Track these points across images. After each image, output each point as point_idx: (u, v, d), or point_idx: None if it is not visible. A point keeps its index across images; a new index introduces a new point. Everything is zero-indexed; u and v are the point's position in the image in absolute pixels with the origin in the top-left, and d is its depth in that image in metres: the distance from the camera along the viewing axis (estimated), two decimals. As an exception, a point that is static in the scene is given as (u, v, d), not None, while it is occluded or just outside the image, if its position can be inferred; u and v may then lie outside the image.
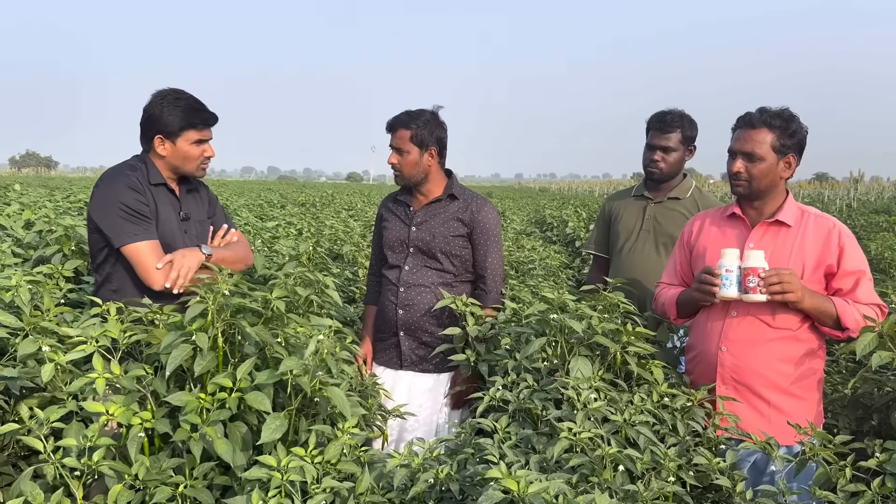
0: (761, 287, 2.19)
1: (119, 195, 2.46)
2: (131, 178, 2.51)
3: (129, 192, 2.47)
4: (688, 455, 1.99)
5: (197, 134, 2.54)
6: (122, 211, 2.44)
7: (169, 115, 2.51)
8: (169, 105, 2.52)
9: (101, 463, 1.74)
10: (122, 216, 2.44)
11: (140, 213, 2.46)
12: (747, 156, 2.32)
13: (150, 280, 2.42)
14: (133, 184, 2.49)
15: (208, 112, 2.56)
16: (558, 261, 6.08)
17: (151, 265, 2.41)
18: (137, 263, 2.43)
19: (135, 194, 2.47)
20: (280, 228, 5.54)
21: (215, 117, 2.58)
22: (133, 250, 2.43)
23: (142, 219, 2.46)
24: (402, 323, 2.88)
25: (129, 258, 2.44)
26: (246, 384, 1.92)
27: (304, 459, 1.82)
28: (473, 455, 2.00)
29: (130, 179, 2.50)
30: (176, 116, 2.51)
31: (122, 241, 2.43)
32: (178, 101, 2.53)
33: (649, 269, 3.14)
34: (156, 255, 2.43)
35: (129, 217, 2.44)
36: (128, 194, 2.46)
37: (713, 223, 2.51)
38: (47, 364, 1.90)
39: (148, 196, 2.52)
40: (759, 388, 2.32)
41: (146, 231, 2.46)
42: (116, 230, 2.44)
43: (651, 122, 3.19)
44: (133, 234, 2.43)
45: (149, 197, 2.52)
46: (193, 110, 2.53)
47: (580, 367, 2.16)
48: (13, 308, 2.47)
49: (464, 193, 2.92)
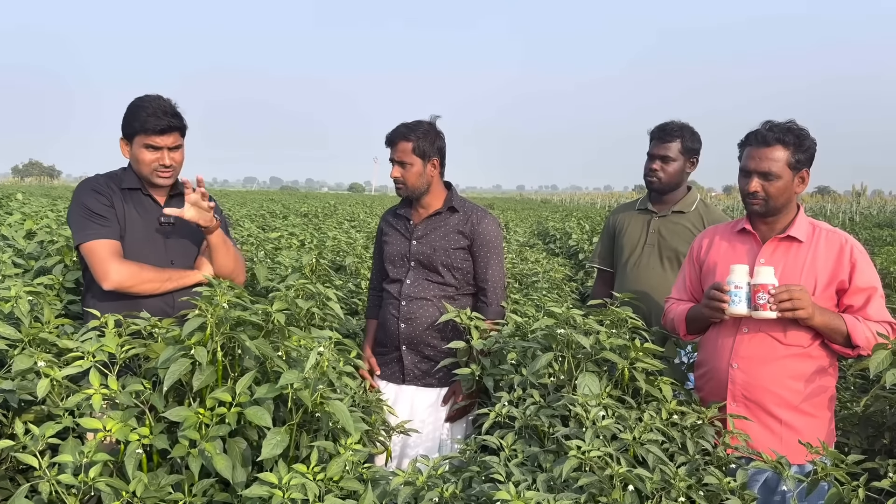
0: (771, 304, 2.15)
1: (82, 197, 2.51)
2: (99, 181, 2.56)
3: (91, 194, 2.51)
4: (698, 474, 1.94)
5: (146, 139, 2.50)
6: (83, 211, 2.48)
7: (128, 119, 2.54)
8: (131, 109, 2.54)
9: (97, 479, 1.70)
10: (82, 216, 2.48)
11: (98, 214, 2.48)
12: (763, 175, 2.28)
13: (100, 278, 2.41)
14: (97, 187, 2.53)
15: (163, 120, 2.49)
16: (562, 273, 6.04)
17: (102, 262, 2.41)
18: (90, 261, 2.44)
19: (96, 195, 2.51)
20: (283, 240, 5.51)
21: (171, 127, 2.50)
22: (87, 248, 2.45)
23: (100, 219, 2.47)
24: (405, 337, 2.84)
25: (84, 256, 2.46)
26: (245, 399, 1.89)
27: (305, 476, 1.78)
28: (479, 473, 1.95)
29: (97, 183, 2.55)
30: (131, 120, 2.52)
31: (79, 240, 2.47)
32: (139, 105, 2.53)
33: (653, 284, 3.10)
34: (111, 254, 2.43)
35: (88, 217, 2.47)
36: (89, 196, 2.51)
37: (723, 238, 2.47)
38: (43, 380, 1.86)
39: (114, 199, 2.53)
40: (770, 405, 2.28)
41: (103, 230, 2.46)
42: (76, 230, 2.48)
43: (652, 132, 3.17)
44: (88, 233, 2.45)
45: (115, 200, 2.53)
46: (147, 115, 2.49)
47: (588, 383, 2.12)
48: (13, 319, 2.44)
49: (464, 205, 2.90)
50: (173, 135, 2.53)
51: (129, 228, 2.52)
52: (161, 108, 2.50)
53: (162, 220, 2.58)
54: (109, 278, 2.39)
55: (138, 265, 2.45)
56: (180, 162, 2.60)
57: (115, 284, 2.40)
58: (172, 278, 2.50)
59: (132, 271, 2.42)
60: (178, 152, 2.58)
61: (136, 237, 2.52)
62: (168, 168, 2.54)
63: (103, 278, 2.40)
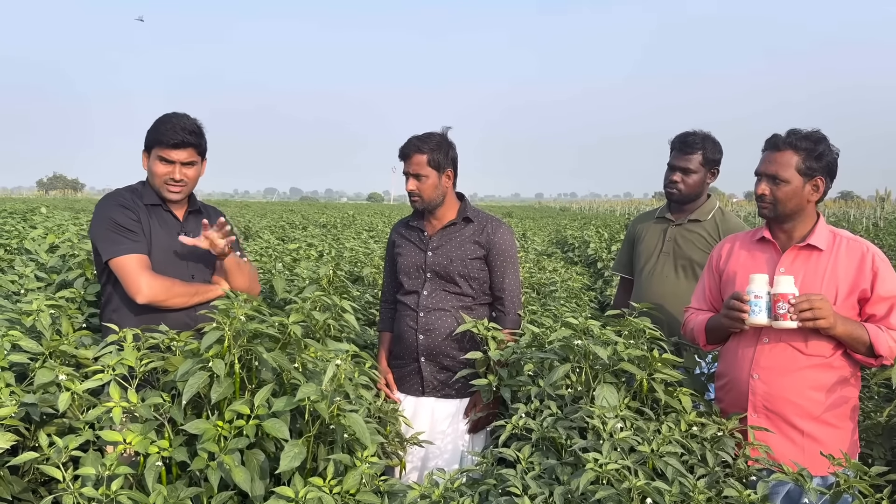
0: (792, 313, 2.13)
1: (109, 211, 2.52)
2: (124, 196, 2.58)
3: (119, 209, 2.52)
4: (717, 487, 1.92)
5: (161, 151, 2.53)
6: (111, 226, 2.49)
7: (149, 131, 2.57)
8: (154, 122, 2.57)
9: (119, 492, 1.72)
10: (111, 230, 2.49)
11: (128, 228, 2.50)
12: (771, 178, 2.28)
13: (133, 292, 2.43)
14: (124, 201, 2.55)
15: (178, 134, 2.51)
16: (580, 282, 6.00)
17: (135, 277, 2.43)
18: (122, 276, 2.45)
19: (124, 210, 2.52)
20: (301, 251, 5.54)
21: (185, 142, 2.52)
22: (119, 263, 2.46)
23: (129, 233, 2.49)
24: (424, 348, 2.84)
25: (115, 271, 2.47)
26: (263, 411, 1.90)
27: (322, 490, 1.78)
28: (496, 486, 1.94)
29: (123, 198, 2.57)
30: (151, 132, 2.56)
31: (110, 255, 2.47)
32: (161, 120, 2.56)
33: (668, 292, 3.08)
34: (142, 269, 2.44)
35: (118, 231, 2.49)
36: (117, 210, 2.52)
37: (742, 247, 2.45)
38: (64, 393, 1.88)
39: (141, 214, 2.55)
40: (791, 416, 2.25)
41: (134, 245, 2.48)
42: (105, 244, 2.49)
43: (673, 142, 3.15)
44: (120, 247, 2.47)
45: (141, 215, 2.55)
46: (165, 129, 2.52)
47: (606, 394, 2.11)
48: (34, 333, 2.47)
49: (478, 216, 2.91)
50: (187, 150, 2.55)
51: (155, 244, 2.55)
52: (180, 124, 2.53)
53: (180, 235, 2.60)
54: (142, 292, 2.41)
55: (169, 280, 2.48)
56: (193, 178, 2.61)
57: (148, 298, 2.42)
58: (199, 292, 2.52)
59: (165, 286, 2.45)
60: (192, 169, 2.60)
61: (159, 252, 2.55)
62: (178, 182, 2.57)
63: (136, 293, 2.42)
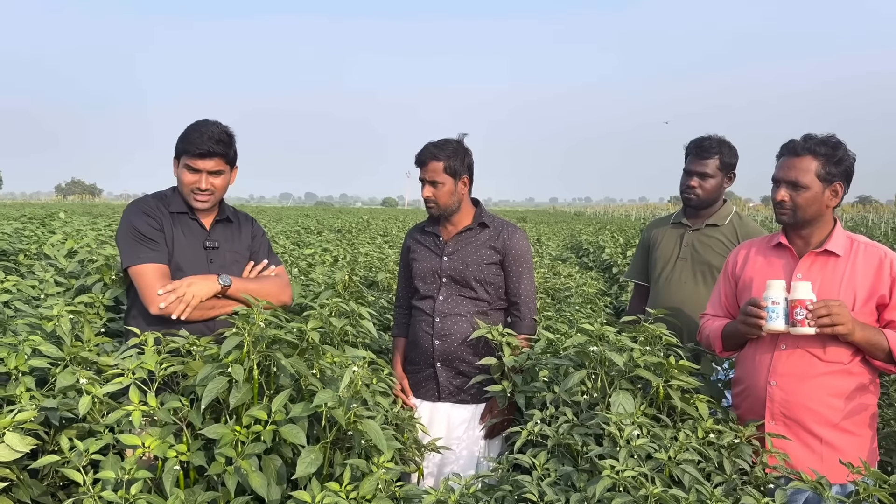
0: (809, 319, 2.11)
1: (132, 219, 2.52)
2: (149, 204, 2.58)
3: (142, 217, 2.52)
4: (735, 494, 1.91)
5: (188, 160, 2.53)
6: (132, 233, 2.50)
7: (179, 139, 2.57)
8: (184, 130, 2.58)
9: (138, 496, 1.73)
10: (132, 238, 2.49)
11: (148, 237, 2.49)
12: (791, 184, 2.26)
13: (147, 302, 2.43)
14: (147, 209, 2.55)
15: (205, 144, 2.50)
16: (595, 288, 5.99)
17: (150, 287, 2.42)
18: (138, 285, 2.46)
19: (147, 218, 2.52)
20: (317, 256, 5.56)
21: (211, 152, 2.51)
22: (136, 271, 2.46)
23: (150, 242, 2.49)
24: (439, 353, 2.85)
25: (133, 279, 2.48)
26: (281, 417, 1.91)
27: (338, 495, 1.79)
28: (511, 493, 1.95)
29: (147, 205, 2.57)
30: (180, 140, 2.57)
31: (128, 262, 2.48)
32: (191, 128, 2.56)
33: (686, 298, 3.07)
34: (159, 279, 2.44)
35: (138, 239, 2.49)
36: (140, 218, 2.52)
37: (759, 253, 2.44)
38: (84, 397, 1.90)
39: (164, 222, 2.55)
40: (809, 423, 2.23)
41: (152, 254, 2.48)
42: (125, 252, 2.50)
43: (689, 147, 3.13)
44: (138, 255, 2.47)
45: (165, 223, 2.55)
46: (193, 138, 2.52)
47: (622, 401, 2.10)
48: (54, 338, 2.49)
49: (493, 221, 2.92)
50: (214, 160, 2.53)
51: (177, 252, 2.54)
52: (208, 133, 2.51)
53: (207, 244, 2.60)
54: (156, 303, 2.39)
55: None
56: (220, 188, 2.59)
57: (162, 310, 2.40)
58: (216, 306, 2.49)
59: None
60: (219, 178, 2.57)
61: (182, 260, 2.54)
62: (204, 192, 2.55)
63: (150, 303, 2.40)
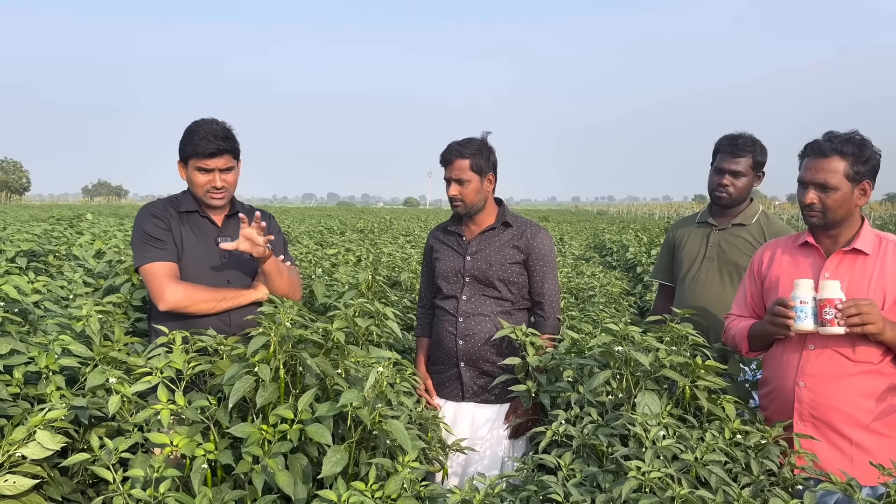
0: (839, 319, 2.08)
1: (141, 222, 2.61)
2: (157, 206, 2.66)
3: (149, 219, 2.60)
4: (763, 496, 1.89)
5: (198, 162, 2.58)
6: (141, 236, 2.58)
7: (182, 143, 2.63)
8: (185, 133, 2.63)
9: (166, 494, 1.75)
10: (141, 240, 2.58)
11: (155, 238, 2.57)
12: (820, 186, 2.23)
13: (156, 299, 2.50)
14: (155, 211, 2.63)
15: (213, 143, 2.55)
16: (619, 287, 5.95)
17: (158, 285, 2.50)
18: (148, 283, 2.54)
19: (154, 220, 2.60)
20: (340, 256, 5.59)
21: (220, 150, 2.56)
22: (145, 271, 2.54)
23: (157, 242, 2.57)
24: (463, 353, 2.85)
25: (143, 278, 2.56)
26: (307, 416, 1.92)
27: (364, 494, 1.80)
28: (536, 493, 1.94)
29: (155, 208, 2.65)
30: (185, 145, 2.61)
31: (138, 263, 2.57)
32: (191, 130, 2.61)
33: (712, 299, 3.03)
34: (166, 276, 2.51)
35: (146, 241, 2.57)
36: (147, 220, 2.60)
37: (785, 252, 2.41)
38: (114, 396, 1.93)
39: (171, 223, 2.62)
40: (839, 425, 2.20)
41: (159, 253, 2.55)
42: (135, 253, 2.59)
43: (721, 144, 3.08)
44: (146, 255, 2.55)
45: (173, 223, 2.62)
46: (198, 140, 2.56)
47: (647, 401, 2.09)
48: (84, 338, 2.53)
49: (517, 220, 2.92)
50: (224, 157, 2.59)
51: (187, 250, 2.61)
52: (212, 131, 2.57)
53: (219, 240, 2.65)
54: (165, 299, 2.48)
55: (193, 286, 2.53)
56: (233, 183, 2.66)
57: (171, 305, 2.48)
58: (227, 298, 2.56)
59: (186, 292, 2.50)
60: (231, 174, 2.64)
61: (193, 258, 2.60)
62: (220, 189, 2.62)
63: (159, 299, 2.49)
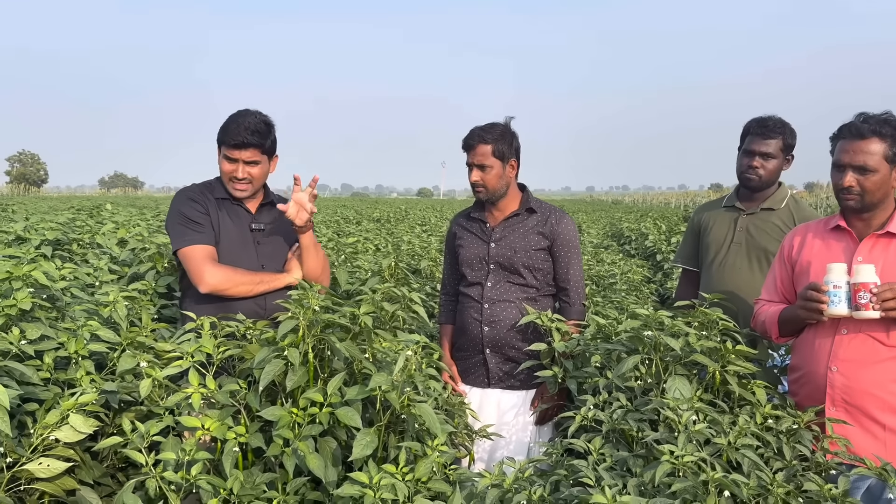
0: (874, 303, 2.06)
1: (179, 205, 2.62)
2: (195, 191, 2.67)
3: (188, 202, 2.62)
4: (795, 481, 1.88)
5: (226, 150, 2.60)
6: (180, 219, 2.59)
7: (220, 129, 2.64)
8: (226, 120, 2.64)
9: (199, 477, 1.76)
10: (179, 223, 2.59)
11: (194, 221, 2.58)
12: (859, 169, 2.19)
13: (196, 281, 2.52)
14: (193, 195, 2.65)
15: (241, 135, 2.56)
16: (640, 275, 5.92)
17: (198, 267, 2.51)
18: (187, 266, 2.55)
19: (193, 204, 2.61)
20: (359, 244, 5.61)
21: (246, 143, 2.57)
22: (184, 253, 2.56)
23: (196, 225, 2.58)
24: (488, 340, 2.84)
25: (182, 261, 2.57)
26: (336, 399, 1.92)
27: (395, 477, 1.80)
28: (566, 477, 1.93)
29: (192, 192, 2.66)
30: (221, 130, 2.63)
31: (177, 245, 2.58)
32: (231, 118, 2.63)
33: (741, 284, 2.99)
34: (206, 259, 2.52)
35: (185, 224, 2.58)
36: (186, 204, 2.62)
37: (816, 236, 2.37)
38: (145, 379, 1.94)
39: (210, 207, 2.63)
40: (872, 410, 2.17)
41: (198, 236, 2.56)
42: (173, 236, 2.59)
43: (750, 126, 3.03)
44: (185, 238, 2.56)
45: (211, 208, 2.63)
46: (230, 129, 2.58)
47: (679, 386, 2.07)
48: (111, 323, 2.55)
49: (541, 206, 2.90)
50: (249, 150, 2.59)
51: (224, 235, 2.62)
52: (245, 124, 2.57)
53: (253, 226, 2.67)
54: (205, 281, 2.49)
55: (232, 269, 2.55)
56: (258, 176, 2.65)
57: (211, 287, 2.50)
58: (264, 281, 2.58)
59: (226, 275, 2.52)
60: (256, 168, 2.63)
61: (229, 243, 2.62)
62: (241, 180, 2.62)
63: (199, 282, 2.50)
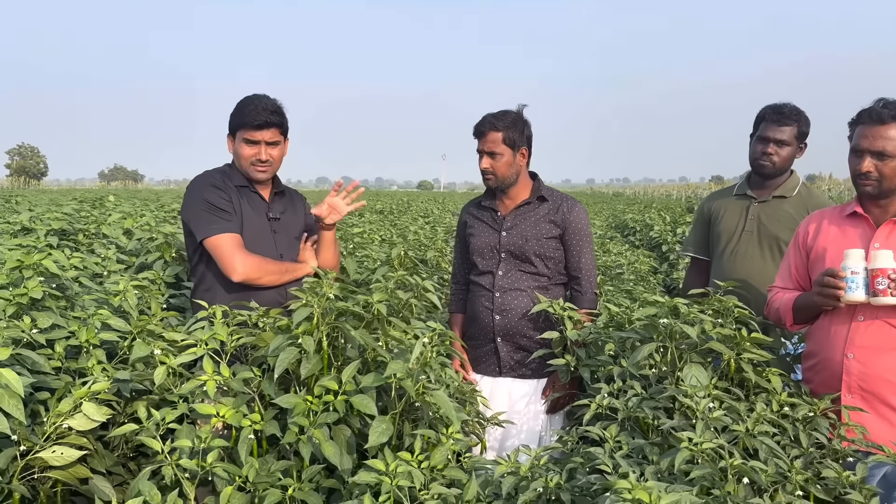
0: (892, 289, 2.04)
1: (203, 193, 2.57)
2: (215, 177, 2.62)
3: (213, 190, 2.57)
4: (813, 468, 1.87)
5: (246, 133, 2.57)
6: (205, 206, 2.54)
7: (233, 115, 2.62)
8: (237, 106, 2.62)
9: (214, 465, 1.76)
10: (205, 211, 2.54)
11: (221, 209, 2.54)
12: (877, 154, 2.17)
13: (228, 271, 2.48)
14: (216, 182, 2.60)
15: (262, 115, 2.55)
16: (647, 265, 5.91)
17: (229, 256, 2.47)
18: (217, 255, 2.51)
19: (217, 191, 2.57)
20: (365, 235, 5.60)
21: (268, 123, 2.56)
22: (213, 242, 2.51)
23: (223, 213, 2.54)
24: (500, 329, 2.82)
25: (210, 250, 2.53)
26: (350, 387, 1.91)
27: (410, 464, 1.79)
28: (583, 464, 1.92)
29: (215, 179, 2.61)
30: (235, 116, 2.61)
31: (204, 234, 2.52)
32: (243, 102, 2.61)
33: (753, 272, 2.98)
34: (236, 247, 2.49)
35: (212, 212, 2.54)
36: (211, 191, 2.56)
37: (832, 223, 2.36)
38: (160, 367, 1.93)
39: (232, 195, 2.59)
40: (889, 397, 2.16)
41: (227, 224, 2.53)
42: (199, 225, 2.54)
43: (766, 112, 3.00)
44: (214, 227, 2.51)
45: (233, 196, 2.60)
46: (248, 111, 2.56)
47: (695, 374, 2.06)
48: (121, 312, 2.55)
49: (552, 195, 2.88)
50: (271, 130, 2.58)
51: (246, 223, 2.60)
52: (262, 105, 2.57)
53: (270, 215, 2.66)
54: (237, 271, 2.47)
55: (262, 258, 2.53)
56: (278, 158, 2.65)
57: (243, 277, 2.48)
58: (289, 270, 2.59)
59: (257, 264, 2.51)
60: (276, 149, 2.63)
61: (252, 233, 2.60)
62: (265, 163, 2.61)
63: (231, 271, 2.48)
